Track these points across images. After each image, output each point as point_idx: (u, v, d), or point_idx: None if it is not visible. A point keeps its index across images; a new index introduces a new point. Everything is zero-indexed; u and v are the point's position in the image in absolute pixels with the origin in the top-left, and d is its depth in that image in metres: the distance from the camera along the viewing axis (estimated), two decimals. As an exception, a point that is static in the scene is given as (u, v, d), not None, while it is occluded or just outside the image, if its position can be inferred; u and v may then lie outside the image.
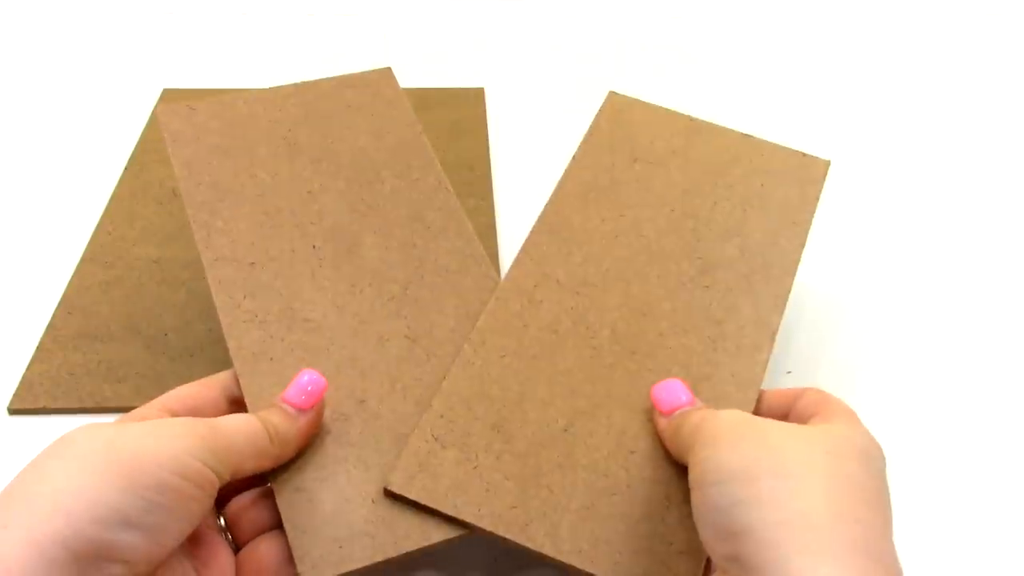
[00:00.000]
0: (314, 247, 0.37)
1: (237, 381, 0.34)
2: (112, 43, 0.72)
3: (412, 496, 0.31)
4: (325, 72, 0.44)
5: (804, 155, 0.42)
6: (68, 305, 0.45)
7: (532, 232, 0.38)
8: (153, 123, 0.60)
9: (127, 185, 0.54)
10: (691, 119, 0.43)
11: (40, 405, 0.40)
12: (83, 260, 0.48)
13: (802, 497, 0.25)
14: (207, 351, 0.43)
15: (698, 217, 0.39)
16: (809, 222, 0.40)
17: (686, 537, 0.30)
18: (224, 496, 0.33)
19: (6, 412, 0.40)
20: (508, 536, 0.31)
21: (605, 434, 0.33)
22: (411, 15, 0.77)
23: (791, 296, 0.49)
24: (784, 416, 0.33)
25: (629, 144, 0.42)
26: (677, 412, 0.32)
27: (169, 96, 0.64)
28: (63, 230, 0.51)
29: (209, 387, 0.34)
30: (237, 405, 0.34)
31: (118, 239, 0.50)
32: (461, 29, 0.76)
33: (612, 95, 0.44)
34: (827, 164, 0.42)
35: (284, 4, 0.78)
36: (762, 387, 0.35)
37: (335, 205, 0.39)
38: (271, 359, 0.34)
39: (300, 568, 0.30)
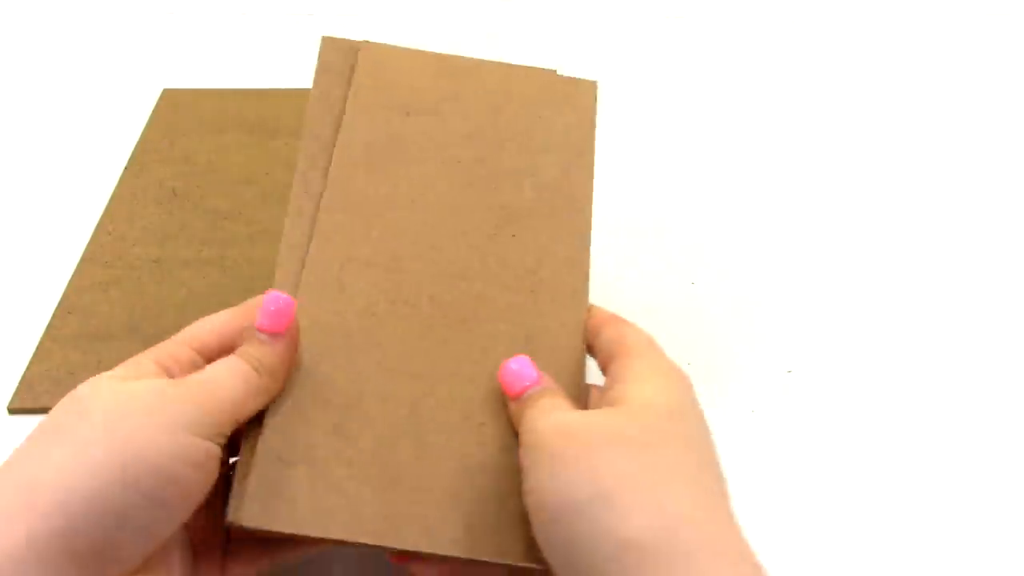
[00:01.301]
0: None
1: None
2: (112, 43, 0.72)
3: (271, 527, 0.29)
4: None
5: (572, 79, 0.41)
6: (68, 305, 0.45)
7: (322, 212, 0.35)
8: (153, 123, 0.60)
9: (127, 185, 0.54)
10: (454, 58, 0.40)
11: (40, 405, 0.40)
12: (83, 260, 0.48)
13: (630, 524, 0.25)
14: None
15: (487, 162, 0.38)
16: (592, 149, 0.39)
17: None
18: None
19: (6, 412, 0.41)
20: (384, 544, 0.29)
21: (451, 412, 0.32)
22: (412, 16, 0.77)
23: (789, 299, 0.49)
24: (591, 347, 0.34)
25: (397, 96, 0.39)
26: (525, 395, 0.31)
27: (169, 96, 0.64)
28: (63, 230, 0.51)
29: (245, 315, 0.32)
30: None
31: (118, 239, 0.50)
32: (461, 29, 0.76)
33: (367, 45, 0.40)
34: (595, 85, 0.41)
35: (284, 4, 0.78)
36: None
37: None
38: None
39: (231, 506, 0.29)
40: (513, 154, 0.38)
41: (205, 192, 0.54)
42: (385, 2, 0.78)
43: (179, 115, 0.61)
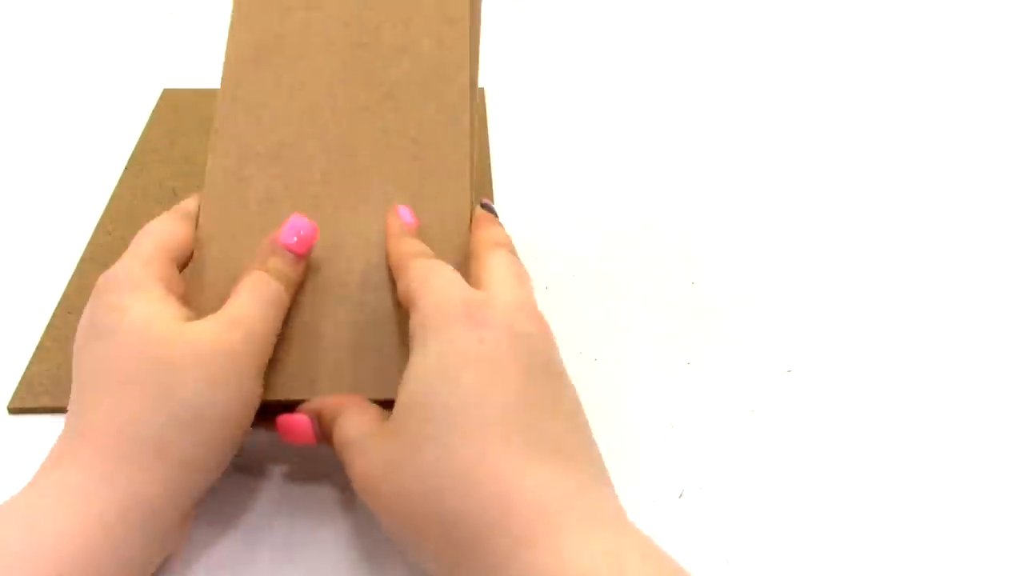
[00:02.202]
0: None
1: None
2: (112, 43, 0.72)
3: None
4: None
5: None
6: (68, 305, 0.45)
7: (218, 109, 0.39)
8: (153, 123, 0.60)
9: (127, 185, 0.54)
10: None
11: (40, 405, 0.40)
12: (83, 260, 0.48)
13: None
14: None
15: (366, 45, 0.40)
16: (466, 16, 0.41)
17: None
18: None
19: (6, 412, 0.40)
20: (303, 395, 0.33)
21: (350, 275, 0.35)
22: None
23: (789, 298, 0.49)
24: None
25: None
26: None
27: (169, 96, 0.64)
28: (63, 230, 0.51)
29: (184, 219, 0.36)
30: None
31: (118, 239, 0.50)
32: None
33: None
34: None
35: (284, 4, 0.78)
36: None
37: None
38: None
39: None
40: (390, 34, 0.41)
41: (205, 192, 0.54)
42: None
43: (179, 115, 0.61)
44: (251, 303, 0.32)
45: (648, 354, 0.44)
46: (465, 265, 0.34)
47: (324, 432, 0.33)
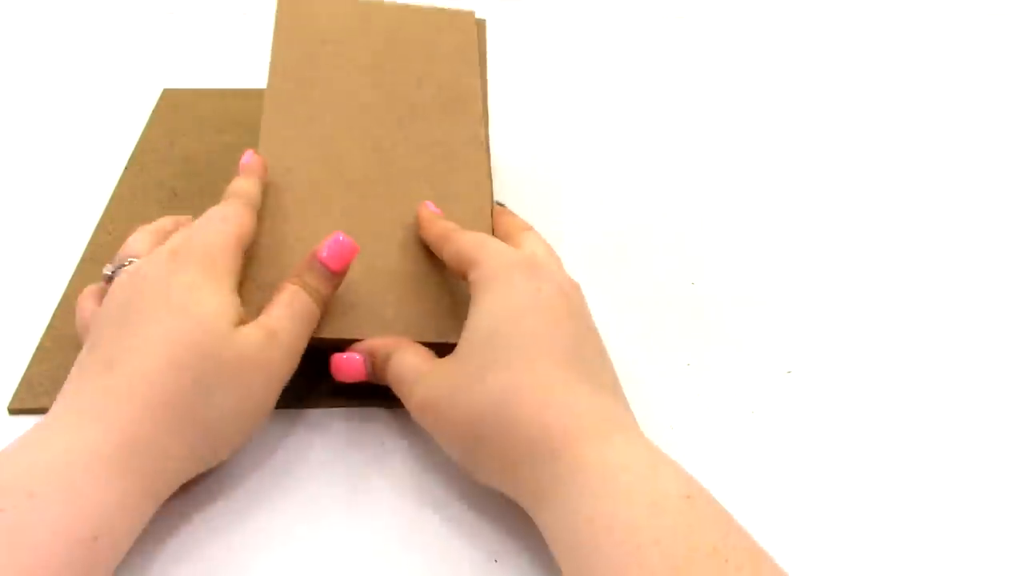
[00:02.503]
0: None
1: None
2: (112, 43, 0.72)
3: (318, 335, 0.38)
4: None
5: (454, 11, 0.50)
6: (68, 305, 0.45)
7: (264, 122, 0.44)
8: (153, 123, 0.60)
9: (127, 185, 0.54)
10: (356, 2, 0.50)
11: (40, 405, 0.40)
12: (83, 260, 0.48)
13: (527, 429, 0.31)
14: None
15: (394, 75, 0.47)
16: (475, 58, 0.48)
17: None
18: None
19: (6, 412, 0.40)
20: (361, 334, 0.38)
21: (387, 245, 0.41)
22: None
23: (789, 299, 0.49)
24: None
25: (314, 31, 0.47)
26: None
27: (169, 96, 0.63)
28: (63, 230, 0.51)
29: (255, 212, 0.39)
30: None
31: (118, 239, 0.49)
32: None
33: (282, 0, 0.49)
34: (472, 14, 0.50)
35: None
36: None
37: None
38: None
39: None
40: (412, 66, 0.47)
41: (205, 192, 0.54)
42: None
43: (179, 115, 0.61)
44: (285, 315, 0.35)
45: (648, 354, 0.44)
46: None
47: (376, 370, 0.37)
